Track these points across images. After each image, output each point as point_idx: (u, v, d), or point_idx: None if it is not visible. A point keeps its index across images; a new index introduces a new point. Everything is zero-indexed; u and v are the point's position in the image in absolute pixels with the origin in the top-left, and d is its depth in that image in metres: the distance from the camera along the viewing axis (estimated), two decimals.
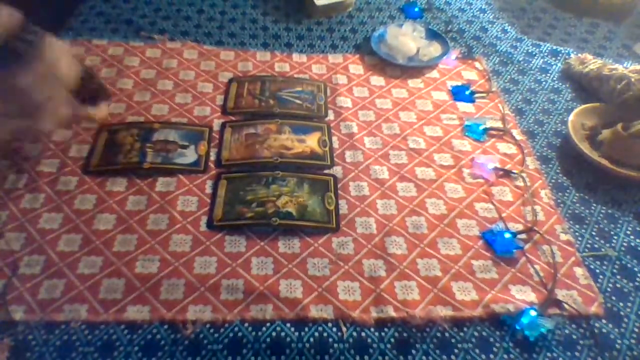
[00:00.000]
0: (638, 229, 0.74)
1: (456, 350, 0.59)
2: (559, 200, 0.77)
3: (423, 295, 0.63)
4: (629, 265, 0.69)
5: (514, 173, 0.80)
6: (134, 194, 0.73)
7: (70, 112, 0.57)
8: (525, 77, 1.02)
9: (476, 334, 0.60)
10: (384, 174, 0.79)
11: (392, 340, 0.59)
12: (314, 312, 0.61)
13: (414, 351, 0.58)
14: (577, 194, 0.78)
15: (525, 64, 1.05)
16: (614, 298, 0.65)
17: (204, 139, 0.82)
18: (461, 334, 0.60)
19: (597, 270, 0.68)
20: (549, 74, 1.03)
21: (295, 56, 1.03)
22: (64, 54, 0.51)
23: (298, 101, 0.91)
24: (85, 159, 0.77)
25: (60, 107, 0.54)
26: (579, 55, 1.04)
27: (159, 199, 0.73)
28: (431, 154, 0.83)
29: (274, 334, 0.59)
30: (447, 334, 0.60)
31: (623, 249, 0.71)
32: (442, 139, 0.86)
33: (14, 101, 0.48)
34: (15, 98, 0.47)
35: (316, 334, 0.59)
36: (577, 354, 0.59)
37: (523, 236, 0.71)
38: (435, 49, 1.04)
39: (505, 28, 1.16)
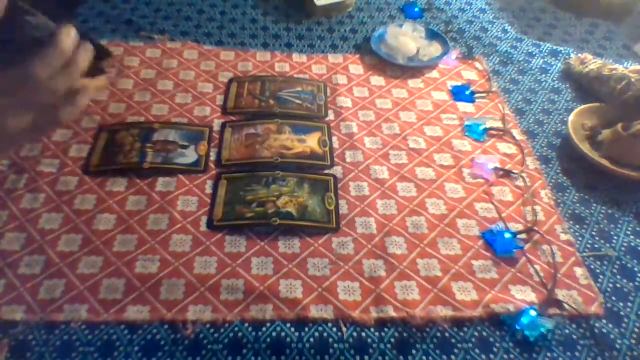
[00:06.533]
0: (638, 229, 0.74)
1: (456, 350, 0.59)
2: (559, 200, 0.77)
3: (423, 295, 0.63)
4: (629, 265, 0.69)
5: (514, 173, 0.80)
6: (134, 194, 0.73)
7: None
8: (525, 77, 1.02)
9: (476, 334, 0.60)
10: (384, 174, 0.79)
11: (392, 340, 0.59)
12: (314, 312, 0.61)
13: (414, 351, 0.58)
14: (577, 194, 0.78)
15: (525, 64, 1.05)
16: (614, 298, 0.65)
17: (204, 139, 0.82)
18: (461, 334, 0.60)
19: (597, 270, 0.68)
20: (549, 74, 1.03)
21: (295, 56, 1.02)
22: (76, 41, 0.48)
23: (298, 101, 0.91)
24: (85, 159, 0.77)
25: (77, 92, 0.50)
26: (579, 55, 1.04)
27: (159, 199, 0.73)
28: (431, 154, 0.83)
29: (274, 334, 0.59)
30: (447, 334, 0.60)
31: (623, 249, 0.71)
32: (442, 139, 0.86)
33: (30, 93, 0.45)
34: (31, 90, 0.44)
35: (316, 334, 0.59)
36: (577, 354, 0.59)
37: (523, 236, 0.71)
38: (435, 49, 1.04)
39: (505, 28, 1.16)
